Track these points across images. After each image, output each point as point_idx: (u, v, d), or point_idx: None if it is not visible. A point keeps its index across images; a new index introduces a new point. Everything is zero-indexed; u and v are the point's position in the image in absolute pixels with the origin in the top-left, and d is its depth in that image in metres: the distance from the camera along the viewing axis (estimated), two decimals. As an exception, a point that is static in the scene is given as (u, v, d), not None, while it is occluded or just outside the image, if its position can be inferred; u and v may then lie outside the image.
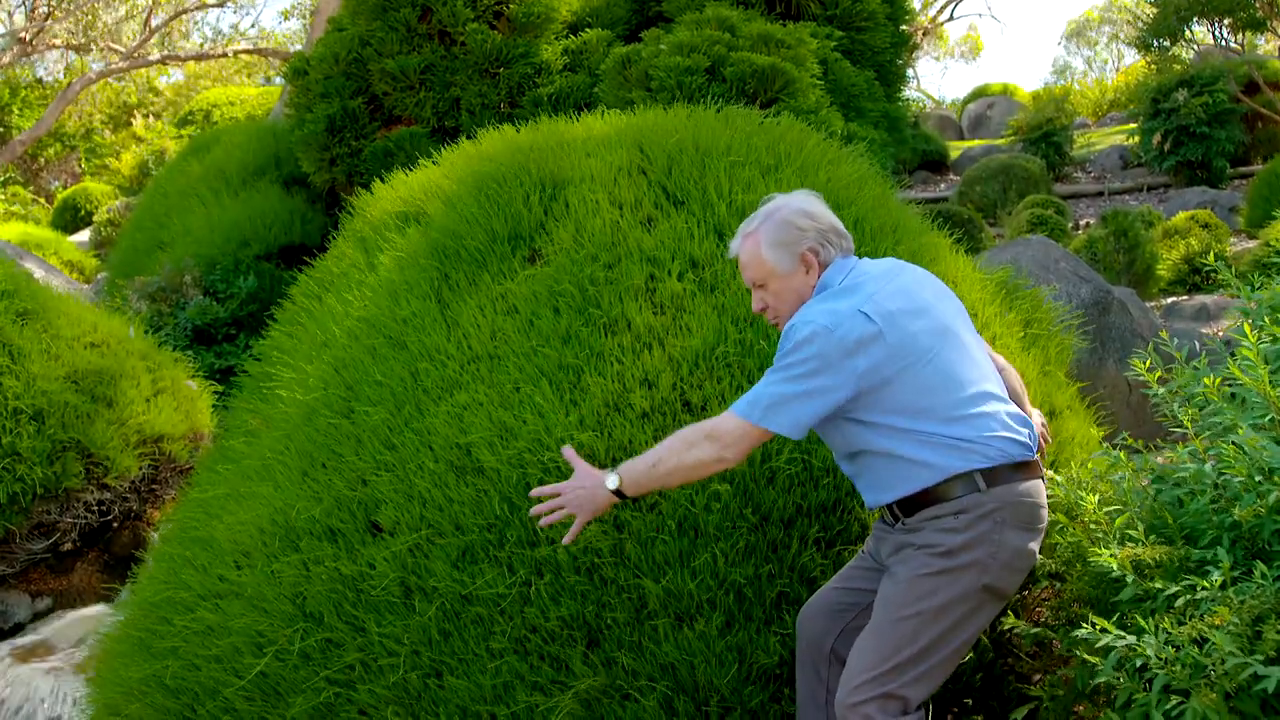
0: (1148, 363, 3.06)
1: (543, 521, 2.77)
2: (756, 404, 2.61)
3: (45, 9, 28.35)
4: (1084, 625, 2.56)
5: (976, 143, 22.91)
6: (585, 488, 2.74)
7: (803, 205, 2.82)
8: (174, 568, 3.71)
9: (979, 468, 2.62)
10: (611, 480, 2.71)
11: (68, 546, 5.25)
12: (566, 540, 2.76)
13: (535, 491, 2.81)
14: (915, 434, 2.62)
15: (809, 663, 2.85)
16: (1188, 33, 17.05)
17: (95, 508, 5.18)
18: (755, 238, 2.80)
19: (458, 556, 3.18)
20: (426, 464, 3.39)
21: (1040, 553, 3.10)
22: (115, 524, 5.44)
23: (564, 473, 3.25)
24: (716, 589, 3.06)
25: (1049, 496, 3.08)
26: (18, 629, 5.14)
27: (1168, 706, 2.30)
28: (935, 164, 20.72)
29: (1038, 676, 3.25)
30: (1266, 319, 2.96)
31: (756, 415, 2.60)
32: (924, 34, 36.41)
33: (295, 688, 3.12)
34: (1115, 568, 2.64)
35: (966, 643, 2.66)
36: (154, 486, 5.51)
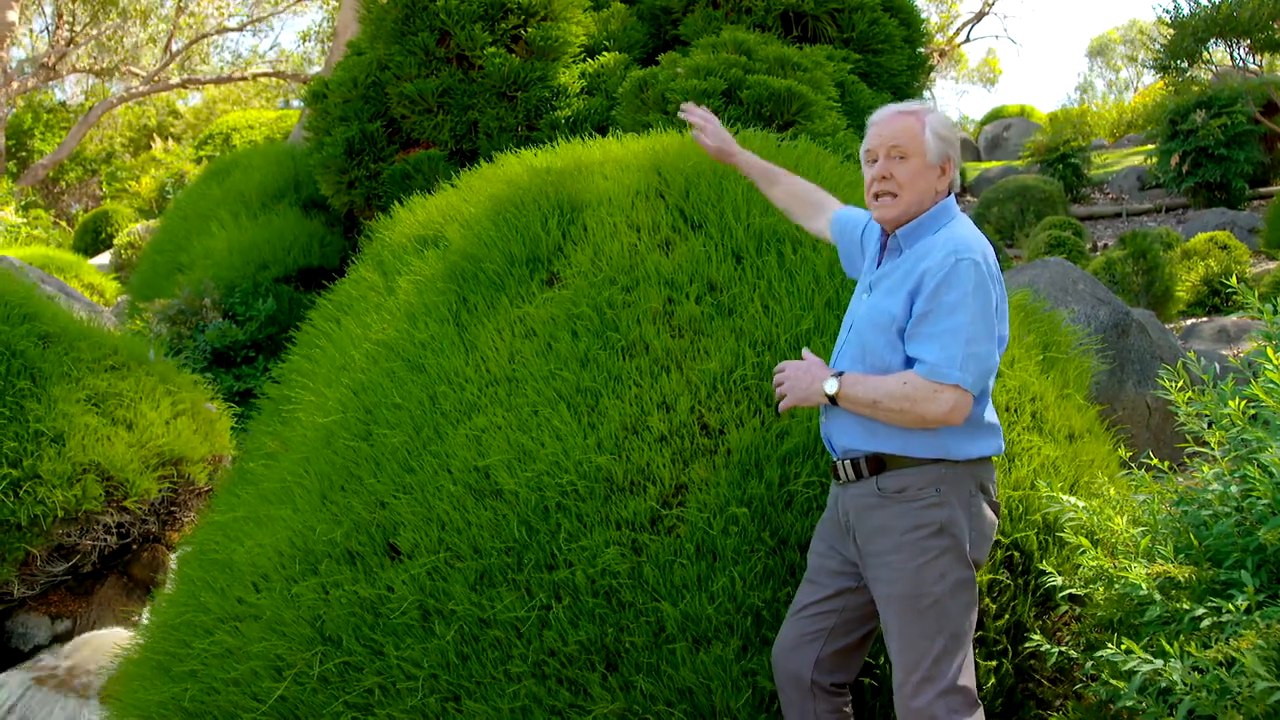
0: (1179, 383, 3.05)
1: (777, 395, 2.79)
2: (969, 370, 2.55)
3: (68, 34, 28.64)
4: (1108, 647, 2.55)
5: (993, 164, 22.87)
6: (806, 375, 2.73)
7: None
8: (193, 590, 3.71)
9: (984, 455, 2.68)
10: (831, 386, 2.67)
11: (87, 569, 5.26)
12: (779, 410, 2.81)
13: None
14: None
15: (794, 699, 2.83)
16: (1205, 54, 17.02)
17: (115, 530, 5.19)
18: (920, 117, 2.74)
19: (476, 580, 3.18)
20: (445, 487, 3.39)
21: (1060, 574, 3.09)
22: (135, 546, 5.45)
23: (581, 496, 3.26)
24: (734, 613, 3.05)
25: (1070, 519, 3.07)
26: (38, 651, 5.15)
27: (1193, 732, 2.28)
28: (952, 185, 20.70)
29: (1059, 702, 3.23)
30: (1289, 342, 2.94)
31: (978, 383, 2.57)
32: (941, 56, 36.44)
33: (314, 712, 3.12)
34: (1143, 586, 2.62)
35: (974, 613, 2.67)
36: (173, 509, 5.52)
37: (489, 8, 8.55)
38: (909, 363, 2.63)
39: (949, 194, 2.76)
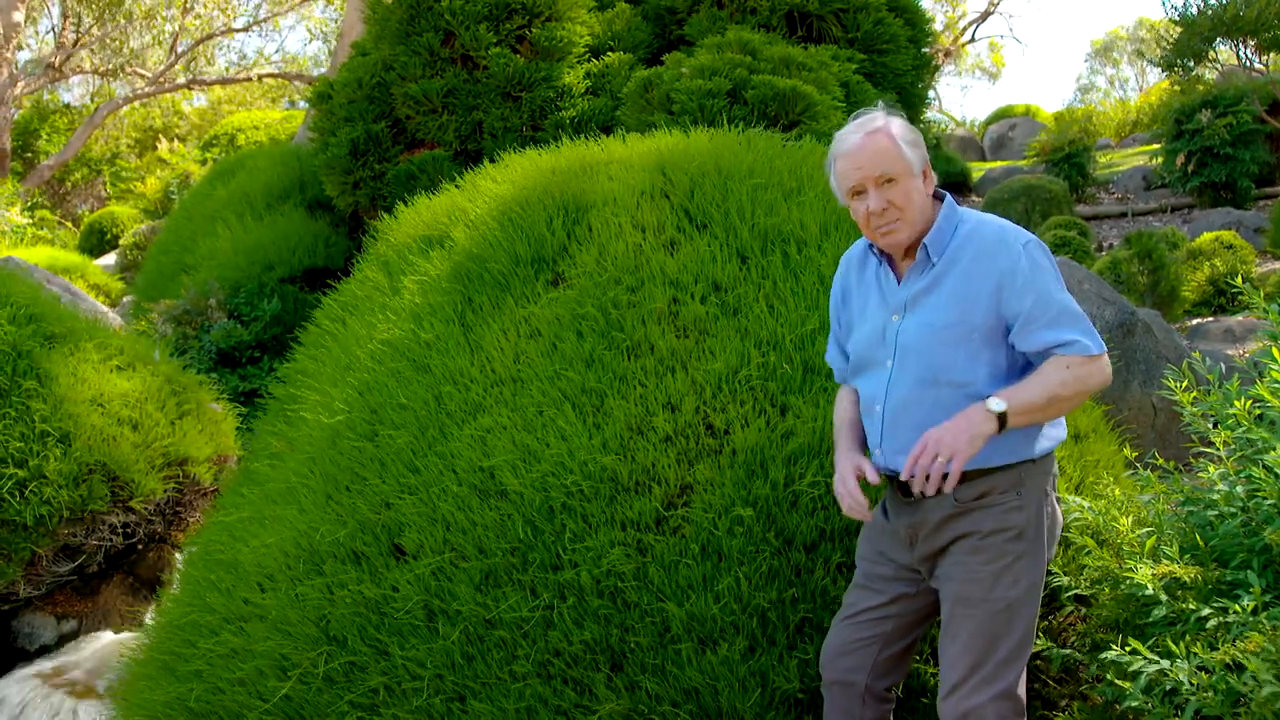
0: (1184, 383, 3.04)
1: (930, 486, 2.48)
2: (1095, 334, 2.56)
3: (73, 35, 28.70)
4: (1113, 648, 2.54)
5: (998, 164, 22.84)
6: (956, 427, 2.48)
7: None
8: (198, 590, 3.72)
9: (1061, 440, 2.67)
10: (997, 404, 2.48)
11: (93, 569, 5.27)
12: (949, 487, 2.49)
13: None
14: None
15: (840, 703, 2.80)
16: (1211, 53, 16.98)
17: (120, 530, 5.19)
18: (887, 132, 2.63)
19: (481, 580, 3.18)
20: (450, 487, 3.39)
21: (1066, 575, 3.08)
22: (140, 546, 5.46)
23: (586, 497, 3.25)
24: (740, 613, 3.05)
25: (1076, 520, 3.06)
26: (44, 651, 5.15)
27: (1199, 733, 2.28)
28: (957, 185, 20.68)
29: (1064, 702, 3.22)
30: (1294, 342, 2.93)
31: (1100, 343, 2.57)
32: (945, 55, 36.42)
33: (319, 712, 3.12)
34: (1148, 586, 2.62)
35: (1037, 623, 2.63)
36: (179, 509, 5.53)
37: (493, 8, 8.55)
38: (1025, 363, 2.60)
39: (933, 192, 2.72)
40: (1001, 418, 2.48)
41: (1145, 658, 2.43)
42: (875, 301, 2.78)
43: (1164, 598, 2.62)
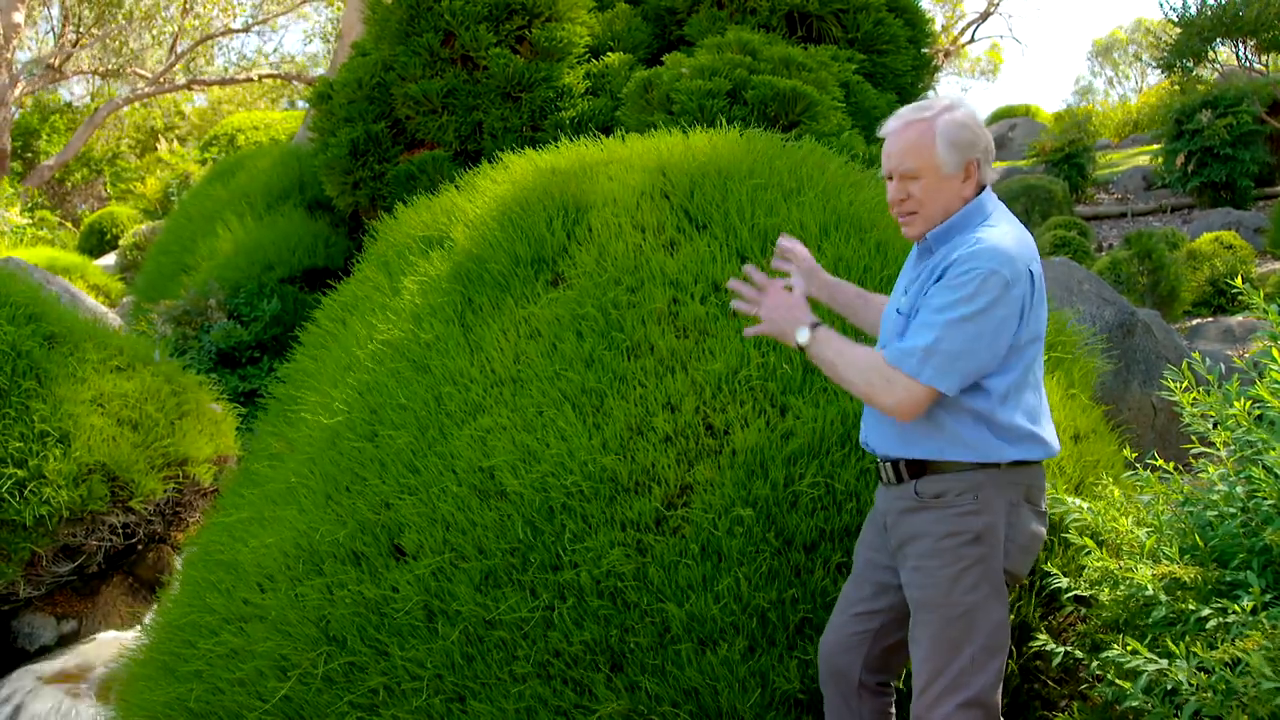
0: (1184, 383, 3.04)
1: (743, 309, 2.77)
2: (932, 366, 2.46)
3: (73, 35, 28.71)
4: (1113, 648, 2.54)
5: (999, 164, 22.80)
6: (787, 312, 2.67)
7: (975, 112, 2.60)
8: (198, 591, 3.72)
9: (1020, 459, 2.60)
10: (803, 335, 2.62)
11: (93, 569, 5.27)
12: (746, 333, 2.79)
13: (741, 276, 2.79)
14: (1003, 410, 2.55)
15: (838, 697, 2.80)
16: (1211, 53, 16.98)
17: (120, 530, 5.20)
18: (928, 125, 2.57)
19: (481, 580, 3.18)
20: (450, 488, 3.39)
21: (1066, 575, 3.08)
22: (140, 546, 5.46)
23: (586, 497, 3.25)
24: (739, 613, 3.05)
25: (1076, 520, 3.06)
26: (44, 651, 5.15)
27: (1198, 733, 2.28)
28: (957, 186, 20.68)
29: (1064, 702, 3.22)
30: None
31: (941, 382, 2.47)
32: (945, 55, 36.42)
33: (319, 712, 3.12)
34: (1149, 586, 2.62)
35: (1007, 630, 2.61)
36: (178, 509, 5.53)
37: (493, 8, 8.55)
38: (997, 385, 2.56)
39: (980, 191, 2.63)
40: (802, 346, 2.63)
41: (1145, 657, 2.43)
42: (902, 277, 2.81)
43: (1164, 598, 2.62)
